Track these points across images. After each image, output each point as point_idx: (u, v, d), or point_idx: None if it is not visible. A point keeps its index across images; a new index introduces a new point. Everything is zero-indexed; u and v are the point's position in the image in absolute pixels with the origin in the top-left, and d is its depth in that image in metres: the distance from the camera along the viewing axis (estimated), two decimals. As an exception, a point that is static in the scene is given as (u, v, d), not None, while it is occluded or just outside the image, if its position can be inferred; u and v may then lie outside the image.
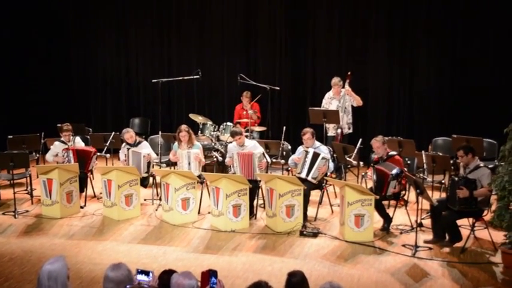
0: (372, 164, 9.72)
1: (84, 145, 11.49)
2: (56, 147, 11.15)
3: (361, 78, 13.25)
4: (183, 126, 10.76)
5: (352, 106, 12.47)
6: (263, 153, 10.26)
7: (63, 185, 10.32)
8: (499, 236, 8.64)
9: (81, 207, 10.78)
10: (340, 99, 12.36)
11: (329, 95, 12.57)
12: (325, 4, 13.85)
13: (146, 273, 5.29)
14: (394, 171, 9.19)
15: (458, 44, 13.00)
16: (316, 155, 10.00)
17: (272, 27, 14.25)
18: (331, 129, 12.44)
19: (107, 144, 11.58)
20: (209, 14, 14.74)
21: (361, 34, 13.65)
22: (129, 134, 11.09)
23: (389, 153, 9.72)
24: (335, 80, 12.41)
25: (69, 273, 5.16)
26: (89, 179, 11.33)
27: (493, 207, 8.53)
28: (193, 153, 10.49)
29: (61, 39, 15.65)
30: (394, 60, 13.50)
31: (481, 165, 8.68)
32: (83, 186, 10.97)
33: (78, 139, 11.41)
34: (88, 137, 12.72)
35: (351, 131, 12.53)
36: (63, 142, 11.14)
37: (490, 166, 9.18)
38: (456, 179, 8.65)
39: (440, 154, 10.52)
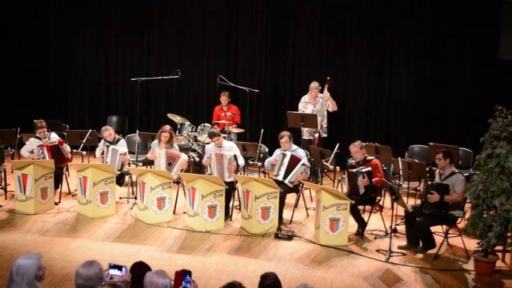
0: (345, 170, 9.78)
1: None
2: (31, 143, 11.03)
3: (339, 83, 13.28)
4: (167, 127, 10.76)
5: (327, 111, 12.50)
6: (234, 156, 10.23)
7: (38, 180, 10.24)
8: (472, 244, 8.71)
9: (56, 204, 10.71)
10: (315, 104, 12.39)
11: (305, 98, 12.60)
12: (306, 8, 13.86)
13: (119, 267, 5.27)
14: (359, 169, 9.41)
15: (436, 53, 13.07)
16: (294, 159, 10.03)
17: (253, 30, 14.24)
18: (305, 133, 12.45)
19: (84, 141, 11.49)
20: (190, 14, 14.70)
21: (341, 40, 13.68)
22: (108, 132, 11.05)
23: (367, 158, 9.77)
24: (314, 85, 12.43)
25: (43, 274, 5.12)
26: (64, 176, 11.26)
27: (467, 215, 8.59)
28: (182, 160, 10.47)
29: (40, 35, 15.52)
30: (373, 67, 13.54)
31: (456, 171, 8.81)
32: (58, 183, 10.91)
33: (53, 135, 11.32)
34: (65, 133, 12.63)
35: (325, 135, 12.56)
36: (38, 138, 11.04)
37: (465, 174, 9.27)
38: (429, 182, 8.79)
39: (417, 161, 10.61)
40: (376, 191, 9.70)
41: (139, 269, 5.44)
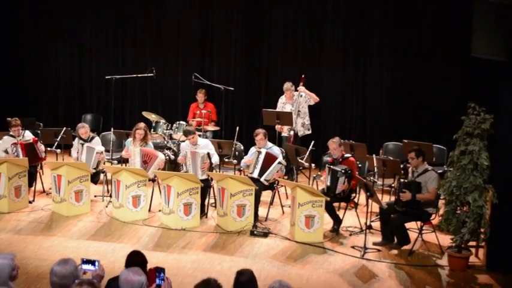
0: (327, 166, 9.79)
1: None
2: (5, 141, 10.94)
3: (315, 81, 13.29)
4: (142, 124, 10.74)
5: (309, 107, 12.53)
6: (207, 154, 10.23)
7: (12, 179, 10.17)
8: (446, 240, 8.80)
9: (30, 202, 10.64)
10: (293, 103, 12.42)
11: (282, 99, 12.63)
12: (281, 7, 13.87)
13: (92, 262, 5.26)
14: (342, 169, 9.42)
15: (410, 51, 13.13)
16: (269, 157, 10.06)
17: (228, 28, 14.22)
18: (285, 130, 12.45)
19: (58, 139, 11.41)
20: (165, 12, 14.64)
21: (317, 38, 13.69)
22: (84, 129, 10.99)
23: (345, 156, 9.83)
24: (287, 85, 12.47)
25: (16, 274, 5.10)
26: (38, 174, 11.18)
27: (441, 211, 8.68)
28: (159, 160, 10.46)
29: (14, 32, 15.37)
30: (348, 65, 13.57)
31: (429, 169, 8.89)
32: (32, 181, 10.83)
33: (27, 133, 11.23)
34: (38, 131, 12.52)
35: (309, 132, 12.56)
36: (12, 136, 10.94)
37: (439, 171, 9.36)
38: (402, 180, 8.87)
39: (391, 158, 10.67)
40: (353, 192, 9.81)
41: (135, 258, 5.51)
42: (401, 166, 10.39)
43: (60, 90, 15.52)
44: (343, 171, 9.39)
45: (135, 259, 5.53)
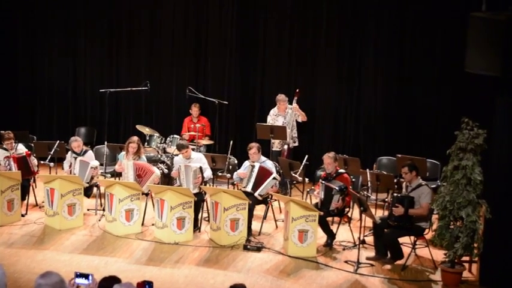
0: (321, 181, 9.79)
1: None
2: (-2, 154, 10.93)
3: (309, 95, 13.31)
4: (135, 138, 10.74)
5: (296, 121, 12.56)
6: (200, 168, 10.22)
7: (4, 192, 10.14)
8: (439, 255, 8.80)
9: (22, 216, 10.59)
10: (285, 116, 12.44)
11: (274, 111, 12.64)
12: (275, 20, 13.89)
13: (85, 276, 5.22)
14: (338, 186, 9.36)
15: (405, 66, 13.14)
16: (263, 171, 10.06)
17: (222, 41, 14.22)
18: (276, 144, 12.47)
19: (51, 152, 11.38)
20: (159, 25, 14.66)
21: (311, 51, 13.70)
22: (76, 143, 10.95)
23: (339, 171, 9.83)
24: (282, 97, 12.47)
25: (6, 281, 5.08)
26: (31, 187, 11.14)
27: (434, 226, 8.68)
28: (155, 176, 10.44)
29: (8, 44, 15.36)
30: (343, 79, 13.56)
31: (423, 183, 8.91)
32: (24, 194, 10.78)
33: (21, 146, 11.20)
34: (32, 144, 12.49)
35: (296, 144, 12.61)
36: (5, 149, 10.91)
37: (433, 186, 9.38)
38: (395, 195, 8.88)
39: (385, 173, 10.68)
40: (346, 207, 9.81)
41: (108, 282, 5.40)
42: (395, 181, 10.41)
43: (54, 104, 15.47)
44: (338, 188, 9.36)
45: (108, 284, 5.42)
